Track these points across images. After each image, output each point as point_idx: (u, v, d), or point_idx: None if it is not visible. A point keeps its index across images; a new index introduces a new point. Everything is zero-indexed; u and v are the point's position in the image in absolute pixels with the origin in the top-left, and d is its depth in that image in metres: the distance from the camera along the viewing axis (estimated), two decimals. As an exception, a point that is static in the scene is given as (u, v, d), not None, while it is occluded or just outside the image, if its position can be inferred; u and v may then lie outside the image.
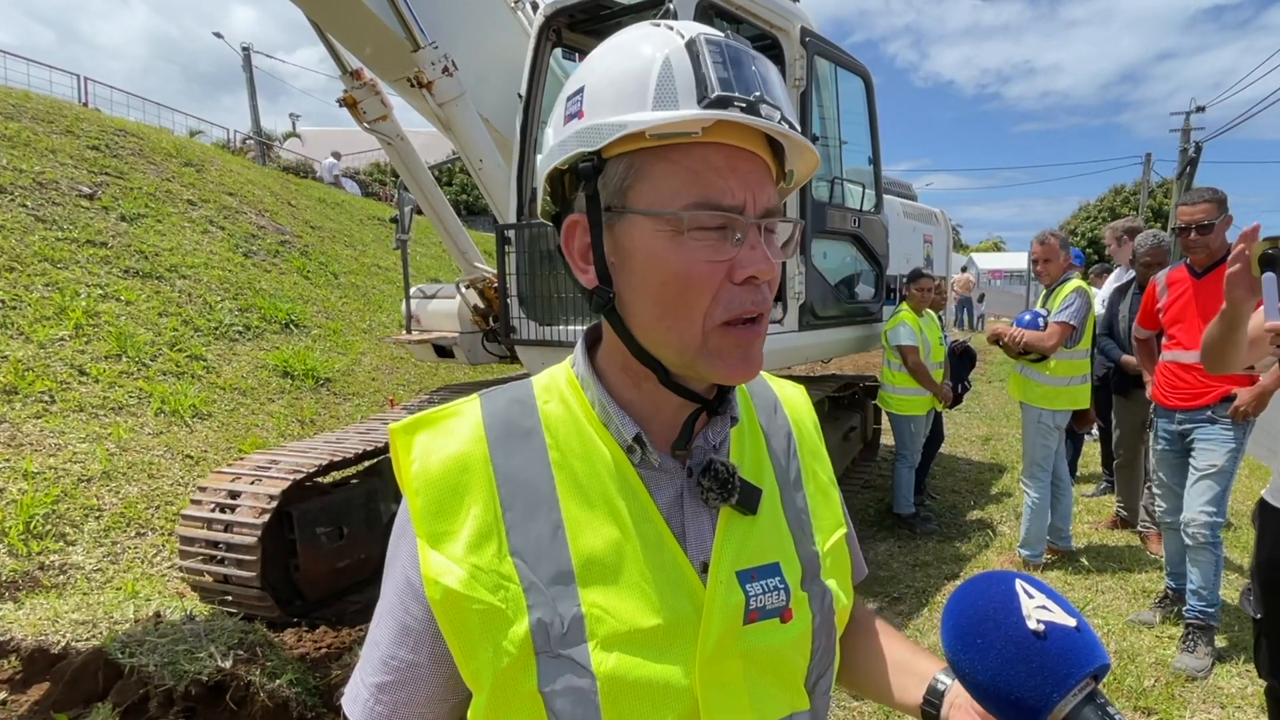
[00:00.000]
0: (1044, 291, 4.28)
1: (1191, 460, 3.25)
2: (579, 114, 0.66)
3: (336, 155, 19.17)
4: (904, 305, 4.88)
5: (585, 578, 0.63)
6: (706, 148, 0.62)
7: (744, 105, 0.61)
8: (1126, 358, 4.43)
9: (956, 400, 5.37)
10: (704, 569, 0.67)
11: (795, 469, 0.79)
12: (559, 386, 0.73)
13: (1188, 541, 3.19)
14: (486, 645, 0.62)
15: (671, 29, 0.65)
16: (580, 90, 0.67)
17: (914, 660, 0.81)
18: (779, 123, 0.63)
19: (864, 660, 0.84)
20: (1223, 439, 3.15)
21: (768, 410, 0.82)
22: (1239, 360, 1.92)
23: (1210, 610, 3.16)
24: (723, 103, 0.61)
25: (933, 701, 0.75)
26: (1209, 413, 3.20)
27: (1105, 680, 0.61)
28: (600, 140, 0.63)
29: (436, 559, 0.64)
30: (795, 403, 0.87)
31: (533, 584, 0.63)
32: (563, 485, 0.67)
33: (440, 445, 0.68)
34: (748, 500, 0.70)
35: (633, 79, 0.63)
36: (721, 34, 0.66)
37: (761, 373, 0.86)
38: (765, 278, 0.64)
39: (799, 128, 0.66)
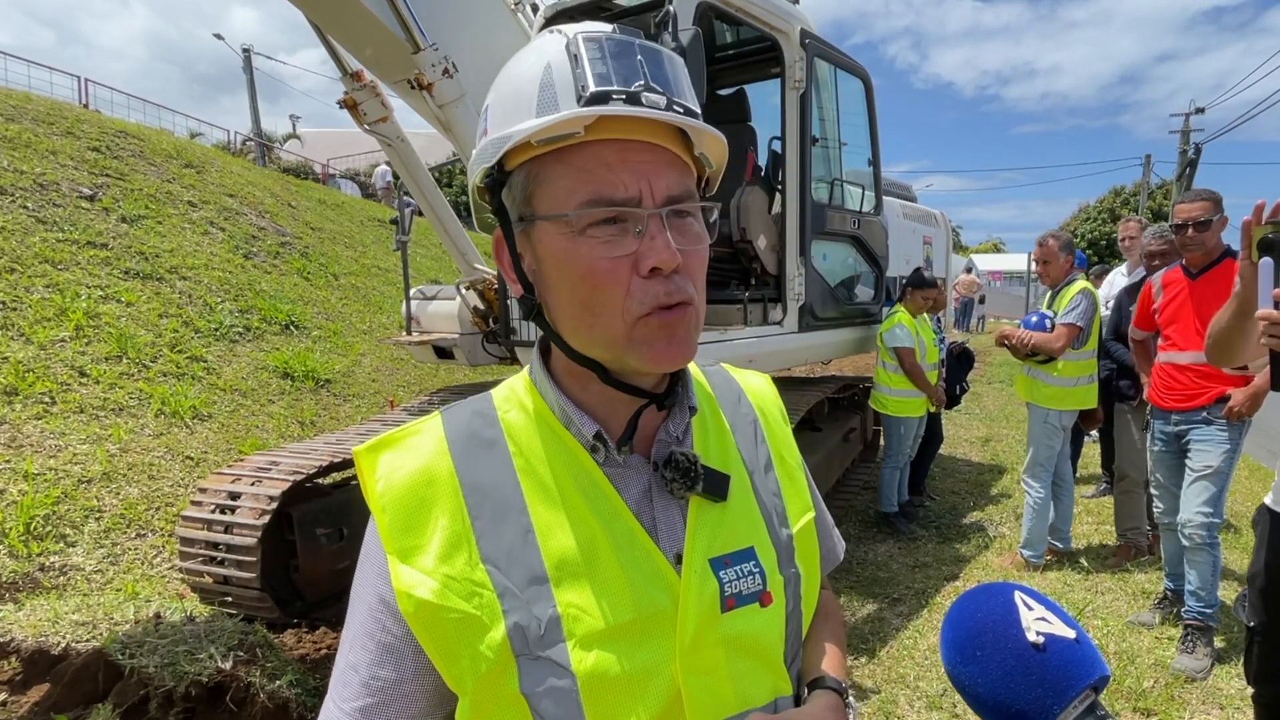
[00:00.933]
0: (1047, 293, 4.28)
1: (1188, 461, 3.25)
2: (485, 131, 0.68)
3: (389, 162, 18.69)
4: (900, 306, 4.87)
5: (559, 579, 0.64)
6: (597, 145, 0.62)
7: (625, 97, 0.61)
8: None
9: (954, 401, 5.37)
10: (678, 560, 0.67)
11: (765, 454, 0.80)
12: (518, 395, 0.74)
13: (1185, 543, 3.20)
14: (465, 652, 0.62)
15: (561, 33, 0.65)
16: (487, 108, 0.69)
17: (810, 667, 0.79)
18: (666, 109, 0.62)
19: None
20: (1218, 440, 3.16)
21: (731, 402, 0.82)
22: (1247, 350, 1.81)
23: (1208, 611, 3.17)
24: (600, 98, 0.61)
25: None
26: (1204, 414, 3.20)
27: (1104, 684, 0.61)
28: (495, 154, 0.64)
29: (408, 573, 0.64)
30: (760, 391, 0.87)
31: (507, 589, 0.63)
32: (530, 490, 0.67)
33: (404, 462, 0.68)
34: (714, 487, 0.70)
35: (519, 90, 0.64)
36: (606, 28, 0.65)
37: (723, 365, 0.87)
38: (668, 268, 0.63)
39: (699, 112, 0.65)
